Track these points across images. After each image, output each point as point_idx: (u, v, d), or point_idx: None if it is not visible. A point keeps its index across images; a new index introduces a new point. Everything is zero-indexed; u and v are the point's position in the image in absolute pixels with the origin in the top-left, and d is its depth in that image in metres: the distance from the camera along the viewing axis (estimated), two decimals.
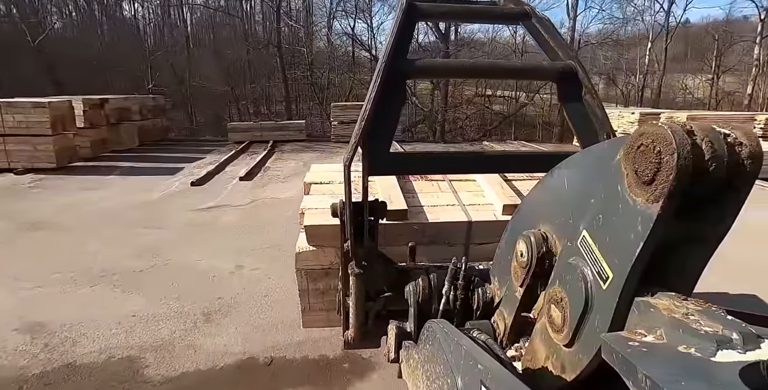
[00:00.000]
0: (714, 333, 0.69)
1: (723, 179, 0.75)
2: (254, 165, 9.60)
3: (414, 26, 1.80)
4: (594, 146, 1.15)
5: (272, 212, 6.28)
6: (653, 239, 0.78)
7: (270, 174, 8.94)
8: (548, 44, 1.72)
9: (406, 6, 1.63)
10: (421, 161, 1.80)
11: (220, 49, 19.98)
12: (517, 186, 2.81)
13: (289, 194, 7.20)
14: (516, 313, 1.29)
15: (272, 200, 6.94)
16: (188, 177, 8.51)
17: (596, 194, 0.92)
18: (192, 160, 10.45)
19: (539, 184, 1.30)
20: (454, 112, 17.73)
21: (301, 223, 2.45)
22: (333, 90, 20.38)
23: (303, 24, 19.61)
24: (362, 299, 1.73)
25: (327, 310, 2.50)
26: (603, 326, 0.86)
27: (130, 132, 12.08)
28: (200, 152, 11.60)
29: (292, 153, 11.67)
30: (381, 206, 1.68)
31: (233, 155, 11.02)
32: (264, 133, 13.68)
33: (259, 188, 7.66)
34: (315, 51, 21.54)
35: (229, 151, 11.73)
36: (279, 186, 7.88)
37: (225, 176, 8.73)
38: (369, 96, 1.46)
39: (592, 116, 1.58)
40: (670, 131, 0.72)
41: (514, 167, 2.18)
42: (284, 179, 8.45)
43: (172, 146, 12.87)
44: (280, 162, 10.34)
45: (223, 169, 9.49)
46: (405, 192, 2.67)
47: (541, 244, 1.15)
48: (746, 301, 3.74)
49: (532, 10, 1.81)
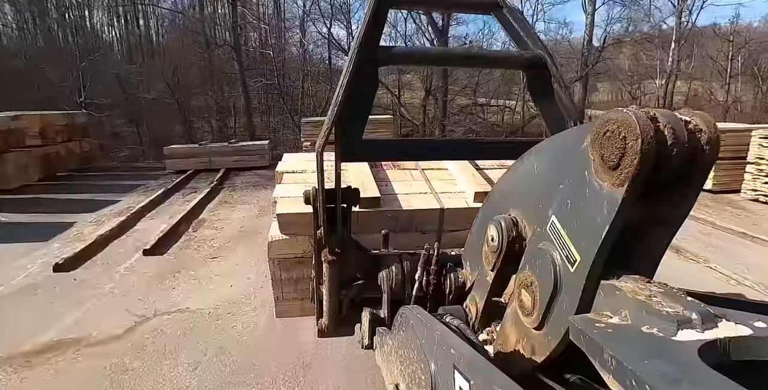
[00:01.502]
0: (675, 314, 0.73)
1: (684, 164, 0.78)
2: (182, 217, 6.42)
3: (386, 13, 1.71)
4: (562, 133, 1.13)
5: (167, 363, 3.12)
6: (618, 222, 0.80)
7: (200, 237, 5.75)
8: (518, 34, 1.75)
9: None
10: (393, 148, 1.84)
11: (171, 53, 16.66)
12: (488, 174, 2.78)
13: (220, 295, 4.05)
14: (487, 298, 1.31)
15: (179, 319, 3.66)
16: (67, 245, 5.31)
17: (564, 180, 0.94)
18: (98, 206, 7.21)
19: (509, 170, 1.30)
20: (454, 125, 14.80)
21: (274, 212, 2.37)
22: (307, 100, 17.32)
23: (269, 23, 16.50)
24: (336, 287, 1.71)
25: (301, 299, 2.43)
26: (571, 308, 0.89)
27: (21, 163, 8.72)
28: (120, 191, 8.35)
29: (245, 190, 8.48)
30: (354, 193, 1.67)
31: (161, 196, 7.81)
32: (214, 158, 10.48)
33: (166, 279, 4.46)
34: (287, 56, 18.53)
35: (159, 187, 8.51)
36: (205, 271, 4.71)
37: (127, 243, 5.52)
38: (341, 82, 1.46)
39: (560, 104, 1.62)
40: (635, 117, 0.74)
41: (486, 154, 2.07)
42: (217, 252, 5.27)
43: (86, 181, 9.55)
44: (225, 208, 7.16)
45: (134, 224, 6.28)
46: (378, 180, 2.64)
47: (512, 229, 1.15)
48: None
49: (503, 1, 1.81)
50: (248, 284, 4.21)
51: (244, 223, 6.33)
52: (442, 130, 13.81)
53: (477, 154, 2.08)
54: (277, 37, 18.53)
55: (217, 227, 6.11)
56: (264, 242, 5.35)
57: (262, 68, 15.86)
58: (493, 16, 1.87)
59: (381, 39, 1.66)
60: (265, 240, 4.73)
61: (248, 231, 5.92)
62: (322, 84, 17.28)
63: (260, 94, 18.05)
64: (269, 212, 7.39)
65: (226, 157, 10.52)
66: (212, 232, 5.93)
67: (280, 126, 17.87)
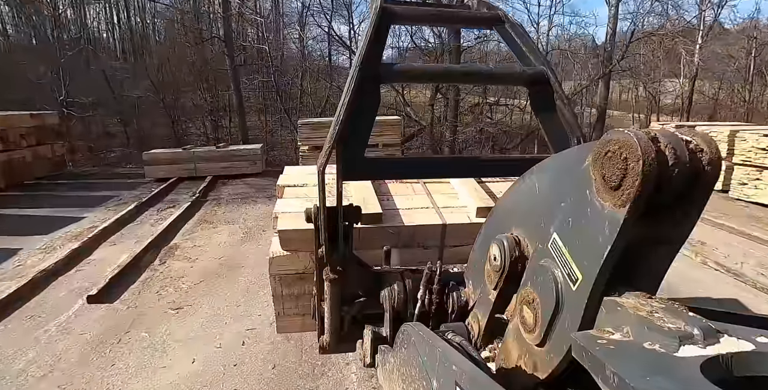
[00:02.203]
0: (677, 329, 0.72)
1: (686, 184, 0.78)
2: (150, 242, 5.26)
3: (388, 30, 1.70)
4: (564, 152, 1.15)
5: None
6: (620, 242, 0.80)
7: (167, 273, 4.57)
8: (521, 50, 1.73)
9: (380, 9, 1.60)
10: (396, 166, 1.81)
11: (157, 47, 15.47)
12: (490, 187, 2.75)
13: (176, 379, 2.89)
14: (490, 315, 1.29)
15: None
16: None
17: (566, 198, 0.93)
18: (56, 225, 6.06)
19: (511, 188, 1.30)
20: (465, 126, 13.57)
21: (275, 227, 2.37)
22: (306, 99, 16.12)
23: (264, 16, 15.29)
24: (337, 305, 1.70)
25: (302, 315, 2.39)
26: (573, 326, 0.88)
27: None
28: (88, 204, 7.19)
29: (231, 204, 7.30)
30: (355, 211, 1.66)
31: (132, 212, 6.64)
32: (200, 165, 9.31)
33: (108, 346, 3.28)
34: (285, 52, 17.32)
35: (134, 200, 7.35)
36: (162, 332, 3.54)
37: (73, 282, 4.36)
38: (343, 100, 1.45)
39: (563, 121, 1.59)
40: (636, 138, 0.73)
41: (488, 172, 2.09)
42: (184, 298, 4.11)
43: (53, 192, 8.37)
44: (204, 230, 5.98)
45: (90, 253, 5.12)
46: (380, 195, 2.61)
47: (514, 249, 1.14)
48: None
49: (504, 15, 1.82)
50: (218, 358, 3.05)
51: (224, 251, 5.16)
52: (454, 132, 12.60)
53: (479, 171, 2.05)
54: (274, 32, 17.34)
55: (191, 257, 4.94)
56: (246, 281, 4.13)
57: (257, 64, 14.67)
58: (496, 31, 1.87)
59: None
60: (248, 277, 4.10)
61: (228, 264, 4.75)
62: (322, 82, 16.06)
63: (256, 92, 16.86)
64: (257, 234, 6.03)
65: (214, 163, 9.34)
66: (183, 264, 4.76)
67: (277, 126, 16.67)
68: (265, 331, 3.38)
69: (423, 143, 14.92)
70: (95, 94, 14.70)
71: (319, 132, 9.29)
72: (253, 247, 5.27)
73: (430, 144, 13.53)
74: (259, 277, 4.36)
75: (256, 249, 5.20)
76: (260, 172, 9.64)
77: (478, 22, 2.05)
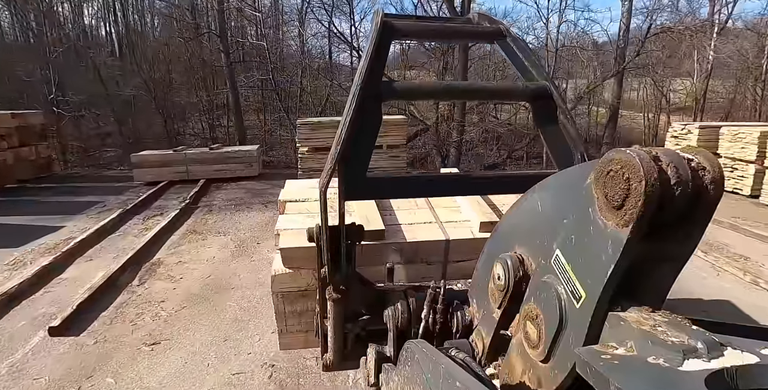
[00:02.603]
0: (680, 343, 0.72)
1: (688, 202, 0.78)
2: (130, 257, 4.70)
3: (389, 47, 1.69)
4: (566, 170, 1.14)
5: None
6: (624, 261, 0.80)
7: (146, 296, 4.01)
8: (523, 64, 1.72)
9: (381, 25, 1.59)
10: (397, 185, 1.77)
11: (151, 43, 14.92)
12: (493, 200, 2.74)
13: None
14: (494, 332, 1.28)
15: None
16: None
17: (568, 215, 0.93)
18: (31, 236, 5.53)
19: (514, 206, 1.29)
20: (471, 126, 12.98)
21: (276, 245, 2.37)
22: (306, 97, 15.54)
23: (261, 11, 14.70)
24: (341, 323, 1.69)
25: (305, 332, 2.36)
26: (577, 342, 0.87)
27: None
28: (69, 211, 6.65)
29: (224, 211, 6.74)
30: (358, 230, 1.64)
31: (115, 221, 6.09)
32: (193, 167, 8.75)
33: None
34: (284, 49, 16.72)
35: (119, 206, 6.80)
36: (131, 378, 2.99)
37: (38, 306, 3.80)
38: (344, 119, 1.44)
39: (567, 137, 1.59)
40: (638, 158, 0.73)
41: (490, 189, 2.05)
42: (163, 330, 3.54)
43: (35, 197, 7.83)
44: (192, 242, 5.41)
45: (63, 270, 4.57)
46: (382, 209, 2.58)
47: (518, 268, 1.13)
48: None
49: (506, 30, 1.81)
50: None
51: (213, 268, 4.60)
52: (461, 132, 12.00)
53: (481, 189, 2.01)
54: (273, 28, 16.76)
55: (175, 277, 4.38)
56: (236, 307, 3.72)
57: (256, 62, 14.08)
58: (497, 46, 1.86)
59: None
60: (237, 302, 3.69)
61: (216, 284, 4.19)
62: (323, 80, 15.48)
63: (255, 90, 16.30)
64: (250, 248, 5.24)
65: (207, 165, 8.78)
66: (165, 285, 4.20)
67: (276, 125, 16.10)
68: (256, 375, 2.84)
69: (426, 143, 14.36)
70: (87, 92, 14.14)
71: (318, 132, 8.73)
72: (244, 263, 4.71)
73: (435, 143, 12.93)
74: (250, 301, 3.81)
75: (248, 265, 4.65)
76: (256, 175, 9.09)
77: (479, 36, 2.08)
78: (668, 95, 17.57)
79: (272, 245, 5.36)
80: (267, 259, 4.75)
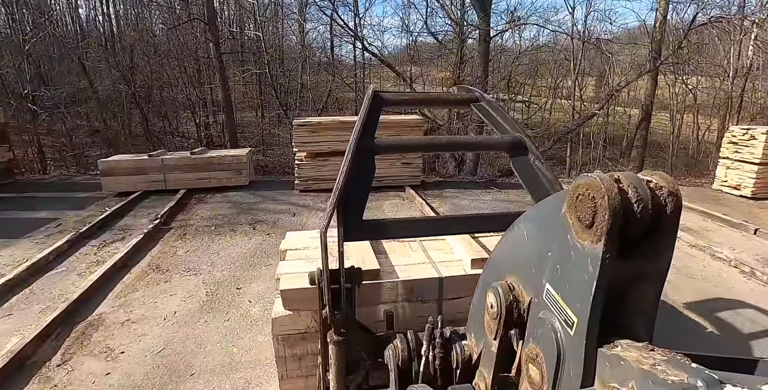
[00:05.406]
0: (680, 382, 0.73)
1: (651, 217, 0.85)
2: (63, 310, 3.43)
3: (380, 112, 1.92)
4: (543, 201, 1.21)
5: None
6: (604, 276, 0.84)
7: (65, 385, 2.74)
8: (498, 121, 1.96)
9: (372, 96, 1.85)
10: (392, 227, 1.87)
11: (131, 33, 13.58)
12: (483, 241, 2.83)
13: None
14: (495, 372, 1.30)
15: None
16: None
17: (552, 246, 0.99)
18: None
19: (502, 239, 1.34)
20: (484, 124, 11.66)
21: (278, 289, 2.35)
22: (306, 94, 14.25)
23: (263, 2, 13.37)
24: (343, 369, 1.72)
25: (305, 377, 2.38)
26: (577, 375, 0.90)
27: None
28: (13, 233, 5.38)
29: (201, 235, 5.42)
30: (357, 273, 1.73)
31: (61, 249, 4.81)
32: (171, 175, 7.46)
33: None
34: (282, 42, 15.41)
35: (75, 226, 5.52)
36: None
37: None
38: (343, 168, 1.57)
39: (543, 178, 1.76)
40: (600, 179, 0.83)
41: (480, 227, 2.19)
42: None
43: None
44: (151, 285, 4.10)
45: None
46: (377, 253, 2.67)
47: (508, 293, 1.17)
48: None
49: (481, 95, 2.07)
50: None
51: (171, 334, 3.30)
52: (479, 133, 10.70)
53: (473, 228, 2.15)
54: (272, 18, 15.41)
55: (113, 350, 3.08)
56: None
57: (251, 53, 12.76)
58: (474, 108, 2.04)
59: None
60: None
61: (171, 366, 2.90)
62: (324, 75, 14.16)
63: (252, 86, 14.98)
64: (226, 297, 3.77)
65: (188, 173, 7.49)
66: (97, 366, 2.91)
67: (274, 122, 14.80)
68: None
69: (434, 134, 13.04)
70: (67, 87, 12.84)
71: (319, 135, 7.43)
72: (216, 325, 3.42)
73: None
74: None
75: (221, 328, 3.36)
76: (246, 184, 7.79)
77: (458, 102, 2.30)
78: (695, 93, 16.15)
79: (256, 291, 4.07)
80: (249, 317, 3.48)
